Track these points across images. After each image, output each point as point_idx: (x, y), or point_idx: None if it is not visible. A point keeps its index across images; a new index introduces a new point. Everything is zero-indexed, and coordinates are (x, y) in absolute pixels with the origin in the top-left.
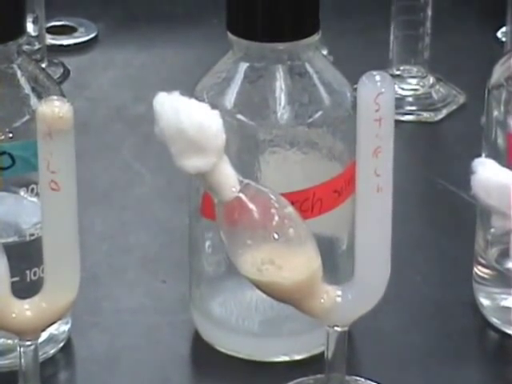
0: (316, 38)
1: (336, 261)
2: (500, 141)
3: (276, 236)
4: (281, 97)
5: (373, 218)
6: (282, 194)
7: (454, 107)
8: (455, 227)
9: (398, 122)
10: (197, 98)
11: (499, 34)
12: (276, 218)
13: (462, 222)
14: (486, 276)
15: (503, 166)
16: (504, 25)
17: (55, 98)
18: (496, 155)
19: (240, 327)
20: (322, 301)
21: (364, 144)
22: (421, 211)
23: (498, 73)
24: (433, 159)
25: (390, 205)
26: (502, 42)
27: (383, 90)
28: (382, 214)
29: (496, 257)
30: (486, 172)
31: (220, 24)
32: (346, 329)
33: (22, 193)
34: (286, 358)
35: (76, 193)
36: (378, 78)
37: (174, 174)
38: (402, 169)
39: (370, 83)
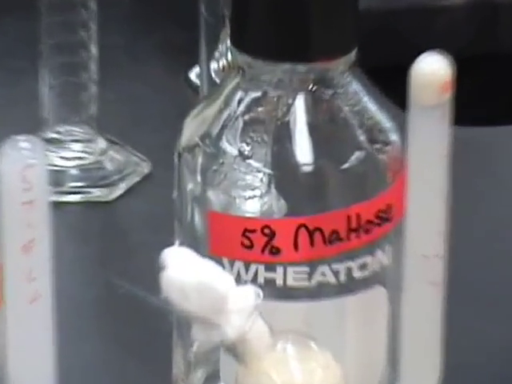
0: None
1: None
2: (198, 221)
3: None
4: None
5: (27, 336)
6: None
7: (136, 179)
8: (146, 346)
9: (59, 203)
10: None
11: (192, 76)
12: None
13: (154, 339)
14: None
15: (203, 255)
16: (196, 63)
17: None
18: (193, 241)
19: None
20: None
21: (11, 238)
22: (99, 326)
23: (191, 129)
24: (108, 252)
25: (49, 317)
26: (197, 86)
27: (33, 161)
28: (39, 330)
29: (203, 381)
30: (181, 266)
31: None
32: None
33: None
34: None
35: None
36: (25, 144)
37: None
38: (70, 268)
39: (15, 153)
